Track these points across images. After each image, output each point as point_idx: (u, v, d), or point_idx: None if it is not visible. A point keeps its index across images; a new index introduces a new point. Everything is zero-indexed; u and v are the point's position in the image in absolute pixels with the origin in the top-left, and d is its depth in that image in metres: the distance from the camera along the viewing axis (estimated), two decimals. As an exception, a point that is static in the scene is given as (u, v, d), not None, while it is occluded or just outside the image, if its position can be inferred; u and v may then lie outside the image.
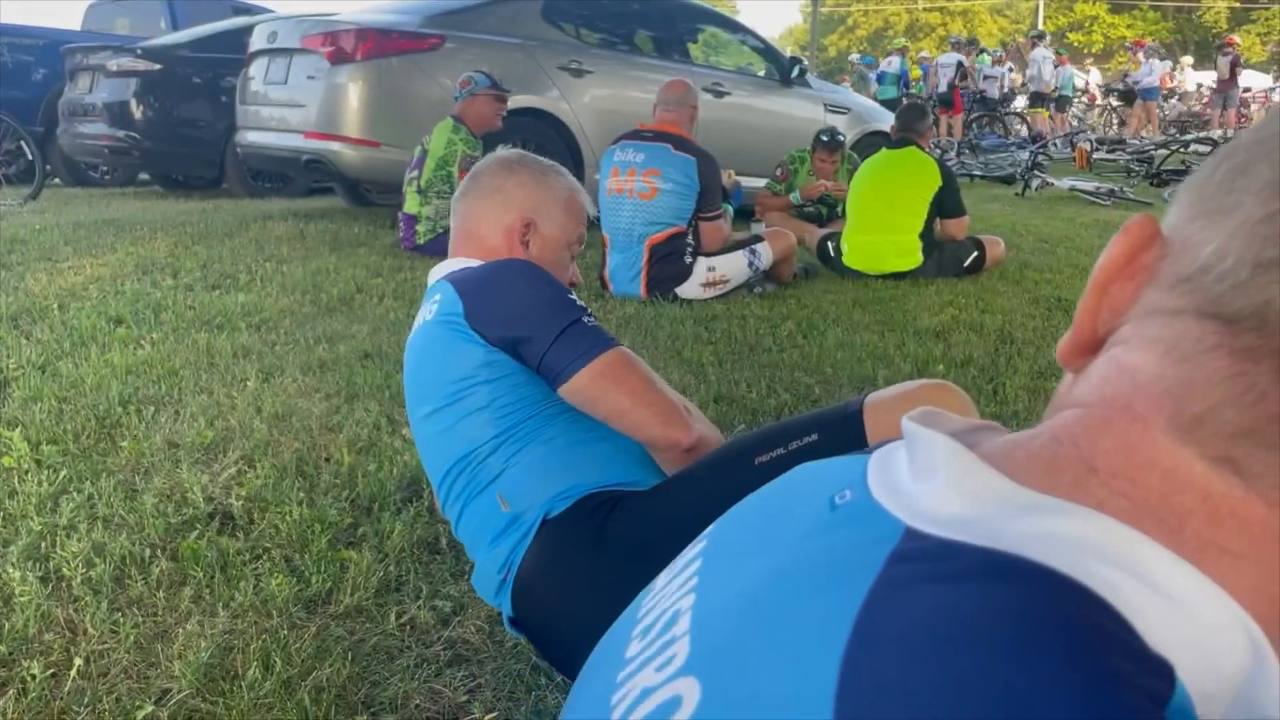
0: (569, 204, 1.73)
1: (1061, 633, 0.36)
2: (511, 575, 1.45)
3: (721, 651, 0.45)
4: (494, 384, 1.50)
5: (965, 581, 0.39)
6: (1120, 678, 0.35)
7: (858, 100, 8.39)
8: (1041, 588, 0.38)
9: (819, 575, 0.44)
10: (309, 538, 1.90)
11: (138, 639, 1.57)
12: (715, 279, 4.29)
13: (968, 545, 0.40)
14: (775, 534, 0.51)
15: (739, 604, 0.47)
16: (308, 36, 5.93)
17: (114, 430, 2.45)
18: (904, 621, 0.38)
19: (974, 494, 0.42)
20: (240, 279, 4.28)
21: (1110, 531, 0.40)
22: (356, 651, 1.56)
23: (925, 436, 0.46)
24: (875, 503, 0.46)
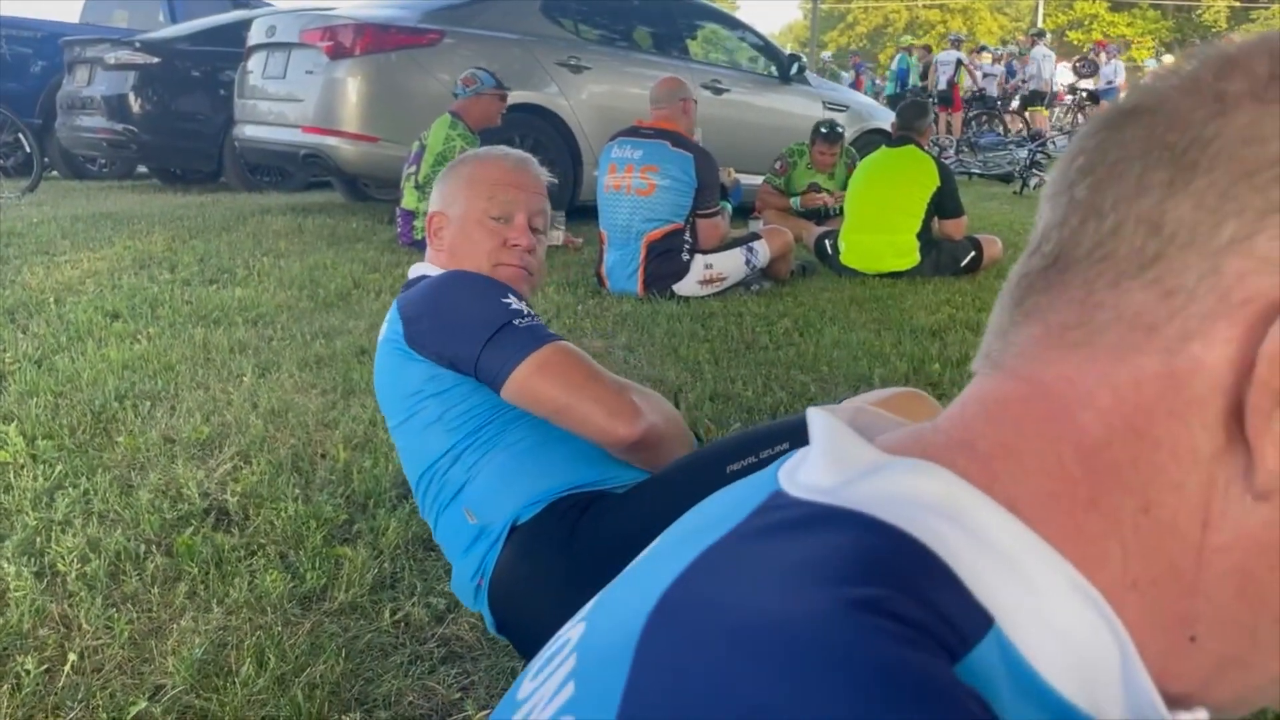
0: (470, 179, 1.72)
1: (848, 574, 0.38)
2: (486, 582, 1.46)
3: (608, 599, 0.49)
4: (441, 397, 1.52)
5: (796, 532, 0.41)
6: (892, 620, 0.36)
7: (857, 98, 8.39)
8: (851, 533, 0.40)
9: (699, 532, 0.46)
10: (304, 534, 1.91)
11: (132, 635, 1.57)
12: (712, 276, 4.29)
13: (812, 503, 0.43)
14: (695, 514, 0.53)
15: (640, 562, 0.51)
16: (306, 31, 5.92)
17: (110, 425, 2.45)
18: (730, 561, 0.41)
19: (838, 462, 0.44)
20: (238, 274, 4.27)
21: (949, 487, 0.41)
22: (350, 648, 1.56)
23: (814, 415, 0.49)
24: (774, 475, 0.48)
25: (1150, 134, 0.41)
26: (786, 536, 0.42)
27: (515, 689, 0.52)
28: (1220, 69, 0.41)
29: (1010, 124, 15.38)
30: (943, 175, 4.83)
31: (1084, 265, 0.42)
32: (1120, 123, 0.43)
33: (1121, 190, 0.41)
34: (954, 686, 0.35)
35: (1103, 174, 0.42)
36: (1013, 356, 0.44)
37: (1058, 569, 0.39)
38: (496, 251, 1.66)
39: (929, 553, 0.38)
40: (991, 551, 0.39)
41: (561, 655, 0.48)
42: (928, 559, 0.38)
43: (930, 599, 0.37)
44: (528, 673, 0.53)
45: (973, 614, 0.37)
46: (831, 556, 0.39)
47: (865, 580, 0.37)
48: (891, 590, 0.37)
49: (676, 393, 2.86)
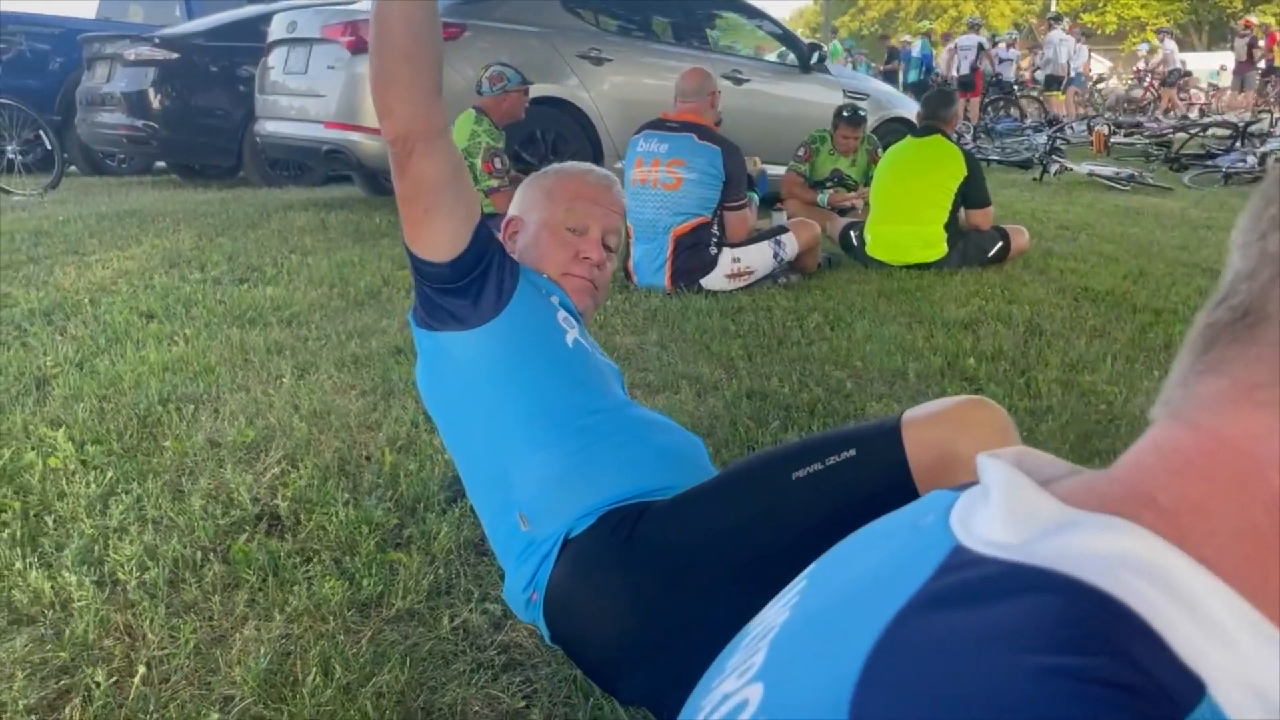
0: (549, 190, 1.76)
1: (1064, 643, 0.37)
2: (540, 596, 1.45)
3: (786, 656, 0.48)
4: (473, 396, 1.53)
5: (989, 596, 0.41)
6: (1115, 690, 0.36)
7: (877, 86, 8.35)
8: (1053, 597, 0.39)
9: (879, 585, 0.46)
10: (357, 539, 1.92)
11: (197, 644, 1.58)
12: (740, 270, 4.29)
13: (1001, 561, 0.42)
14: (866, 553, 0.53)
15: (818, 612, 0.50)
16: (328, 26, 5.92)
17: (156, 429, 2.46)
18: (927, 630, 0.41)
19: (1020, 516, 0.44)
20: (267, 272, 4.29)
21: (1149, 547, 0.40)
22: (412, 656, 1.57)
23: (985, 464, 0.48)
24: (946, 526, 0.47)
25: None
26: (982, 600, 0.41)
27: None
28: None
29: (1026, 109, 15.29)
30: (970, 165, 4.81)
31: (1276, 323, 0.41)
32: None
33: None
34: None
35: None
36: (1194, 408, 0.44)
37: (1262, 632, 0.39)
38: (568, 262, 1.68)
39: (1135, 616, 0.38)
40: (1197, 614, 0.39)
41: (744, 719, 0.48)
42: (1134, 623, 0.38)
43: (1143, 666, 0.37)
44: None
45: (1184, 681, 0.37)
46: (1038, 624, 0.38)
47: (1078, 649, 0.37)
48: (1104, 658, 0.37)
49: (713, 389, 2.87)
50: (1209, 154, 10.14)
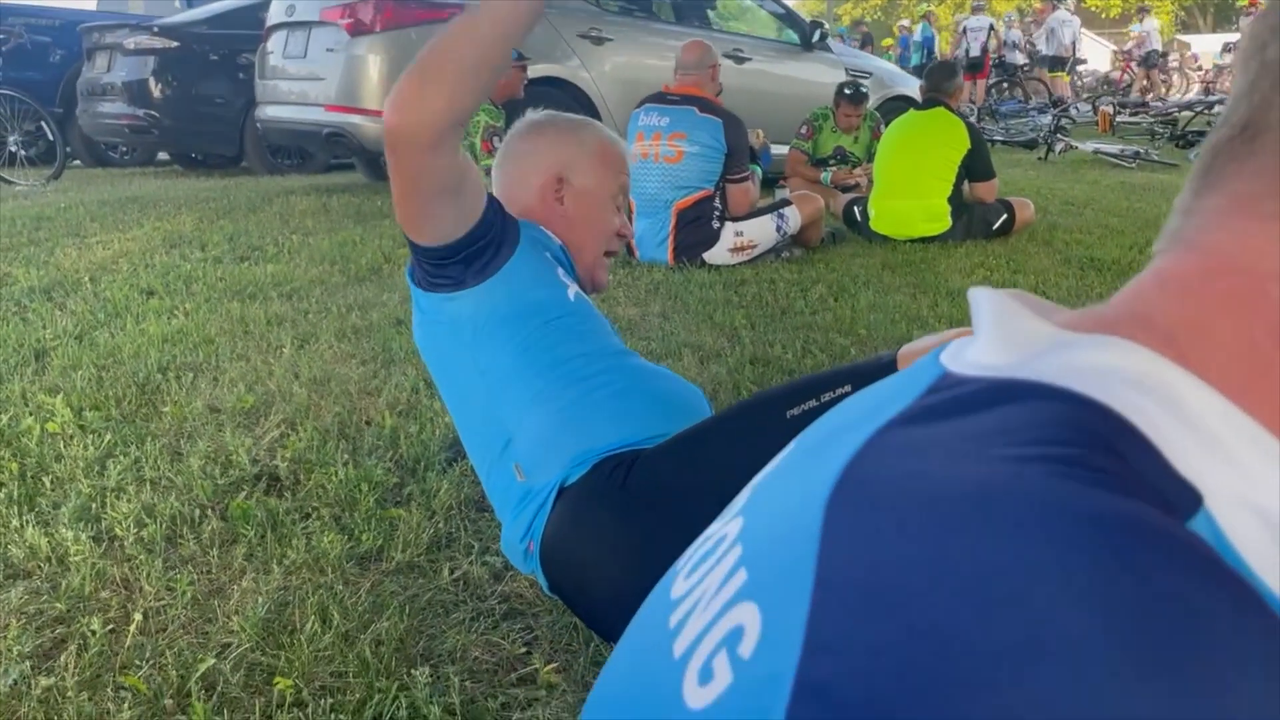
0: (603, 154, 1.69)
1: (1050, 438, 0.36)
2: (536, 546, 1.44)
3: (767, 491, 0.48)
4: (469, 344, 1.50)
5: (976, 406, 0.39)
6: (1108, 475, 0.34)
7: (880, 65, 8.30)
8: (1042, 402, 0.37)
9: (863, 418, 0.45)
10: (356, 497, 1.90)
11: (194, 595, 1.57)
12: (743, 244, 4.26)
13: (991, 378, 0.41)
14: (847, 407, 0.52)
15: (795, 454, 0.50)
16: (326, 9, 5.90)
17: (155, 396, 2.45)
18: (907, 436, 0.40)
19: (1013, 339, 0.43)
20: (268, 251, 4.27)
21: (1147, 362, 0.39)
22: (412, 605, 1.55)
23: (976, 294, 0.47)
24: (936, 359, 0.46)
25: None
26: (969, 410, 0.39)
27: (664, 592, 0.51)
28: None
29: (1030, 90, 15.21)
30: (973, 137, 4.77)
31: (1276, 133, 0.39)
32: None
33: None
34: (1183, 530, 0.33)
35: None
36: (1195, 229, 0.42)
37: (1265, 448, 0.37)
38: (611, 238, 1.68)
39: (1129, 425, 0.36)
40: (1196, 429, 0.37)
41: (720, 550, 0.46)
42: (1129, 431, 0.36)
43: (1137, 469, 0.35)
44: (675, 574, 0.51)
45: (1181, 490, 0.35)
46: (1026, 423, 0.37)
47: (1068, 443, 0.35)
48: (1096, 453, 0.35)
49: (716, 356, 2.84)
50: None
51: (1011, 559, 0.32)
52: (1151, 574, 0.30)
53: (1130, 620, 0.29)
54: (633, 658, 0.51)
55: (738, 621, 0.40)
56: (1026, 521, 0.33)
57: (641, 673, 0.47)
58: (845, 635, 0.34)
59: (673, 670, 0.42)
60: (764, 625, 0.38)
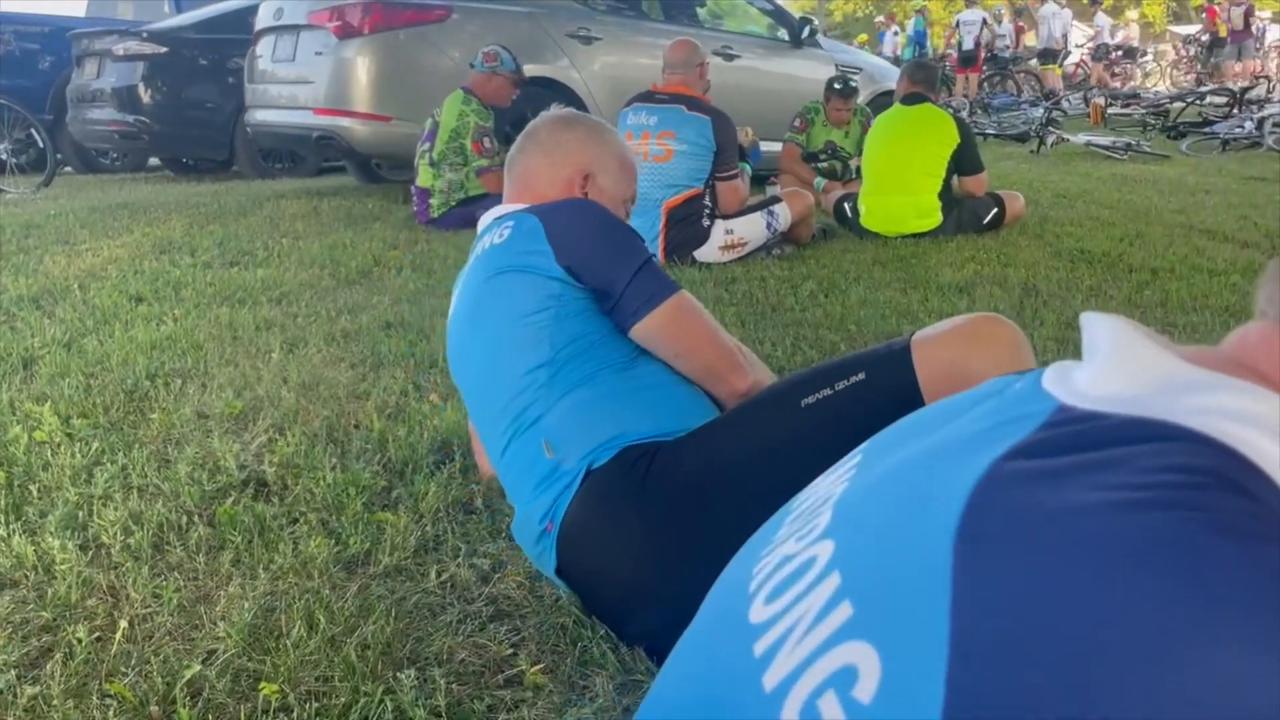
0: (623, 162, 1.78)
1: (1194, 483, 0.35)
2: (556, 527, 1.44)
3: (858, 513, 0.45)
4: (558, 314, 1.51)
5: (1106, 443, 0.38)
6: (1250, 524, 0.33)
7: (870, 60, 8.30)
8: (1184, 445, 0.36)
9: (966, 444, 0.43)
10: (344, 501, 1.90)
11: (180, 602, 1.57)
12: (733, 242, 4.26)
13: (1115, 415, 0.39)
14: (937, 424, 0.50)
15: (886, 477, 0.47)
16: (314, 12, 5.89)
17: (143, 403, 2.45)
18: (1033, 474, 0.38)
19: (1137, 371, 0.41)
20: (258, 255, 4.27)
21: (1271, 404, 0.38)
22: (399, 609, 1.55)
23: (1093, 319, 0.45)
24: (1041, 387, 0.44)
25: None
26: (1101, 448, 0.38)
27: (738, 611, 0.48)
28: None
29: (1021, 84, 15.21)
30: (962, 131, 4.77)
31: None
32: None
33: None
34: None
35: None
36: None
37: None
38: None
39: (1261, 473, 0.36)
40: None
41: (811, 575, 0.44)
42: (1261, 479, 0.36)
43: (1269, 506, 0.35)
44: (749, 596, 0.49)
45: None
46: (1165, 467, 0.36)
47: (1204, 488, 0.35)
48: (1230, 495, 0.34)
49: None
50: (1206, 121, 10.09)
51: (1183, 619, 0.31)
52: None
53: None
54: (709, 684, 0.48)
55: (848, 660, 0.38)
56: (1188, 580, 0.32)
57: (722, 702, 0.45)
58: (993, 683, 0.33)
59: (765, 704, 0.40)
60: (886, 668, 0.36)
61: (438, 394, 2.48)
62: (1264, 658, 0.29)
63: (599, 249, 1.54)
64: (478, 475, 2.02)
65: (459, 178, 5.03)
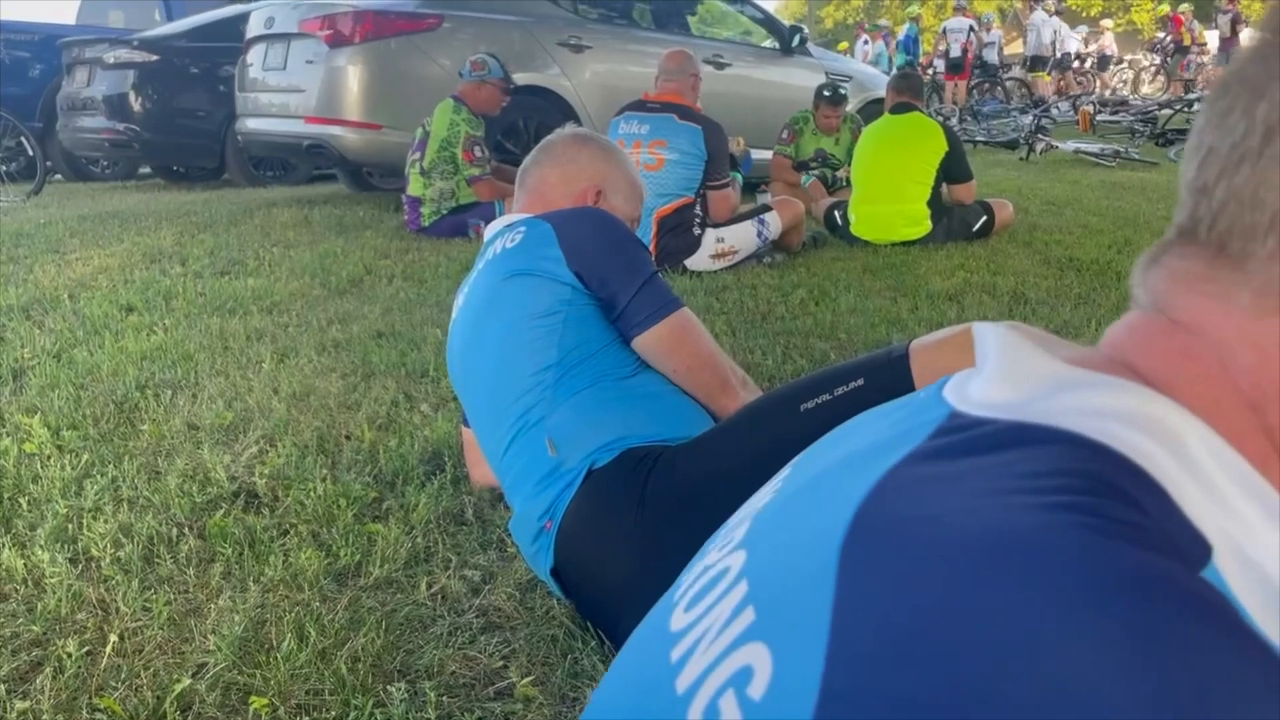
0: (632, 184, 1.86)
1: (1068, 487, 0.36)
2: (555, 526, 1.46)
3: (771, 524, 0.47)
4: (568, 318, 1.54)
5: (991, 448, 0.40)
6: (1127, 526, 0.34)
7: (860, 68, 8.34)
8: (1057, 448, 0.38)
9: (870, 454, 0.45)
10: (335, 513, 1.90)
11: (170, 615, 1.57)
12: (724, 250, 4.27)
13: (998, 420, 0.41)
14: (853, 435, 0.52)
15: (802, 488, 0.49)
16: (305, 20, 5.89)
17: (133, 414, 2.44)
18: (921, 477, 0.40)
19: (1019, 377, 0.43)
20: (249, 264, 4.27)
21: (1155, 404, 0.39)
22: (389, 621, 1.55)
23: (983, 329, 0.47)
24: (940, 395, 0.47)
25: (1237, 105, 0.40)
26: (983, 452, 0.40)
27: (661, 623, 0.50)
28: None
29: (1011, 91, 15.27)
30: (950, 140, 4.79)
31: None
32: (1214, 96, 0.42)
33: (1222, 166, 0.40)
34: (1206, 588, 0.33)
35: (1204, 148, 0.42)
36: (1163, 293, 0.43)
37: (1267, 503, 0.37)
38: None
39: (1143, 472, 0.37)
40: (1200, 476, 0.37)
41: (724, 584, 0.46)
42: (1143, 478, 0.37)
43: (1155, 517, 0.35)
44: (672, 605, 0.51)
45: (1194, 541, 0.36)
46: (1046, 471, 0.37)
47: (1087, 491, 0.35)
48: (1110, 500, 0.35)
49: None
50: (1194, 129, 10.12)
51: (1042, 618, 0.32)
52: (1191, 648, 0.30)
53: (1168, 696, 0.29)
54: (631, 691, 0.50)
55: (746, 661, 0.40)
56: (1057, 579, 0.33)
57: (641, 707, 0.47)
58: (863, 685, 0.34)
59: (676, 706, 0.42)
60: (776, 668, 0.38)
61: (429, 404, 2.48)
62: (1130, 665, 0.30)
63: (608, 259, 1.57)
64: (469, 486, 2.02)
65: (450, 186, 5.04)
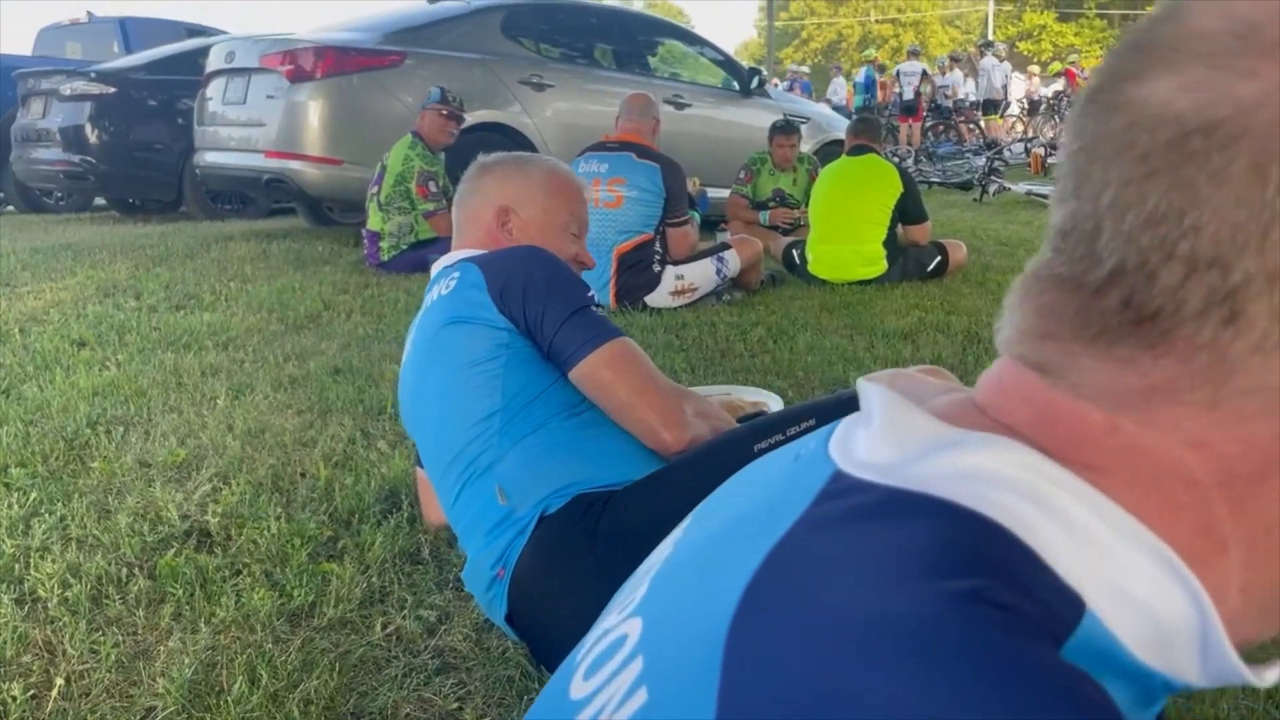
0: (548, 185, 1.76)
1: (945, 566, 0.37)
2: (508, 573, 1.45)
3: (667, 591, 0.47)
4: (507, 363, 1.52)
5: (868, 522, 0.40)
6: (982, 601, 0.35)
7: (818, 109, 8.48)
8: (938, 522, 0.39)
9: (760, 517, 0.45)
10: (288, 552, 1.88)
11: (119, 658, 1.54)
12: (684, 287, 4.31)
13: (878, 485, 0.42)
14: (746, 489, 0.52)
15: (698, 549, 0.49)
16: (266, 56, 5.89)
17: (83, 451, 2.41)
18: (805, 557, 0.40)
19: (900, 437, 0.44)
20: (204, 299, 4.23)
21: (1024, 462, 0.40)
22: (343, 663, 1.54)
23: (865, 388, 0.48)
24: (826, 453, 0.47)
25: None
26: (865, 526, 0.40)
27: (563, 689, 0.50)
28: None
29: (966, 134, 15.57)
30: (905, 181, 4.89)
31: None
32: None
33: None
34: (1072, 674, 0.35)
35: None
36: None
37: (1135, 535, 0.39)
38: (570, 263, 1.71)
39: (1013, 538, 0.38)
40: (1071, 525, 0.38)
41: (621, 655, 0.46)
42: (1014, 545, 0.38)
43: (1027, 586, 0.37)
44: (574, 668, 0.51)
45: (1067, 599, 0.37)
46: (921, 548, 0.38)
47: (963, 571, 0.36)
48: (990, 580, 0.36)
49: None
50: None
51: (921, 709, 0.33)
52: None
53: None
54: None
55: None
56: (935, 672, 0.34)
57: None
58: None
59: None
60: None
61: (386, 441, 2.47)
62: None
63: (534, 296, 1.54)
64: (425, 525, 2.01)
65: (409, 221, 5.04)
